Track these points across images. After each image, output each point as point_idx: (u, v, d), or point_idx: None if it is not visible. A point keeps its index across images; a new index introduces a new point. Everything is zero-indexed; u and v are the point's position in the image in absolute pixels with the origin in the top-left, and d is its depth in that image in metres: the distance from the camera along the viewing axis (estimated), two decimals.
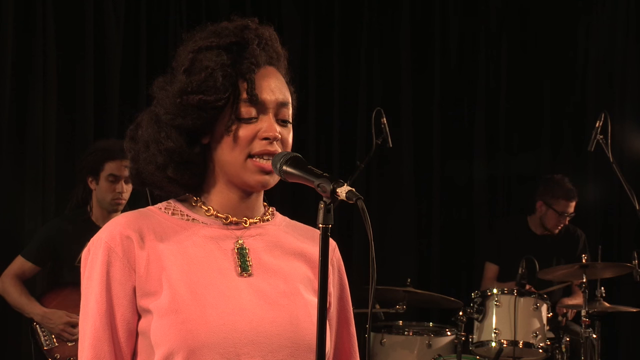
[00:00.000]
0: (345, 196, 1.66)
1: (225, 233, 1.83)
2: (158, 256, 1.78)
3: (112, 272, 1.77)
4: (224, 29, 1.83)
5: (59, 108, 5.59)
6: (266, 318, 1.77)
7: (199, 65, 1.80)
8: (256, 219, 1.87)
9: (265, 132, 1.79)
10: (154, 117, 1.82)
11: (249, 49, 1.81)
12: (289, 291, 1.82)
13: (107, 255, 1.77)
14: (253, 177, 1.80)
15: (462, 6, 6.97)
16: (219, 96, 1.78)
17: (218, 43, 1.81)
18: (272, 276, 1.82)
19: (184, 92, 1.78)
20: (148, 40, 5.95)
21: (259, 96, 1.79)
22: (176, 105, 1.78)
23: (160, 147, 1.80)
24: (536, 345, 5.12)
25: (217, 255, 1.80)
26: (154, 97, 1.84)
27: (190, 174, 1.82)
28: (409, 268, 6.48)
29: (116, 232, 1.79)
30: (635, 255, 5.13)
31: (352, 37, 6.75)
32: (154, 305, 1.75)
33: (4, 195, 5.36)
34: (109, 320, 1.76)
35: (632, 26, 6.95)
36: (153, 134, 1.81)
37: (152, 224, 1.82)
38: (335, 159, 6.63)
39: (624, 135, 6.47)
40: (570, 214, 5.88)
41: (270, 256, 1.85)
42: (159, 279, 1.76)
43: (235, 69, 1.79)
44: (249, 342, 1.74)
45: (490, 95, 6.99)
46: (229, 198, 1.84)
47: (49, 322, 4.50)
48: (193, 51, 1.81)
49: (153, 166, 1.82)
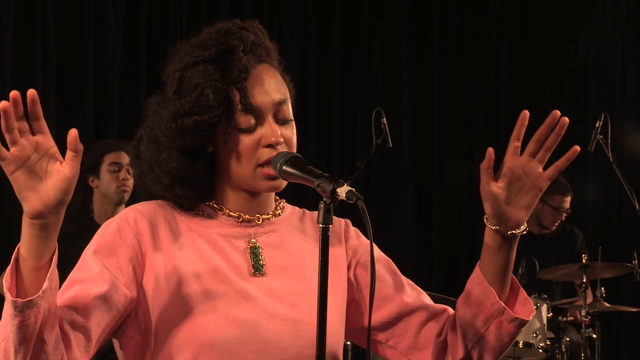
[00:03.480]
0: (345, 196, 1.65)
1: (239, 231, 1.83)
2: (170, 250, 1.77)
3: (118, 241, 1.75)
4: (208, 39, 1.80)
5: (58, 107, 5.60)
6: (278, 317, 1.77)
7: (188, 85, 1.78)
8: (269, 214, 1.87)
9: (267, 140, 1.78)
10: (152, 137, 1.81)
11: (236, 56, 1.78)
12: (301, 290, 1.82)
13: (118, 228, 1.77)
14: (263, 184, 1.80)
15: (462, 6, 6.98)
16: (213, 113, 1.76)
17: (204, 56, 1.78)
18: (284, 274, 1.82)
19: (178, 115, 1.76)
20: (148, 40, 5.96)
21: (254, 103, 1.78)
22: (172, 130, 1.77)
23: (163, 169, 1.79)
24: (536, 345, 5.12)
25: (229, 254, 1.80)
26: (148, 117, 1.83)
27: (199, 188, 1.82)
28: (409, 268, 6.47)
29: (132, 215, 1.79)
30: (635, 255, 5.13)
31: (352, 37, 6.75)
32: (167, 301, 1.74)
33: (4, 195, 5.36)
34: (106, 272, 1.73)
35: (632, 26, 6.96)
36: (154, 156, 1.80)
37: (167, 216, 1.81)
38: (335, 159, 6.63)
39: (624, 135, 6.47)
40: (566, 210, 5.87)
41: (282, 252, 1.84)
42: (172, 275, 1.75)
43: (225, 80, 1.77)
44: (261, 339, 1.74)
45: (490, 95, 6.99)
46: (240, 198, 1.84)
47: None
48: (180, 69, 1.79)
49: (160, 186, 1.82)
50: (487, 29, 7.01)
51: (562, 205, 5.86)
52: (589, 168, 6.78)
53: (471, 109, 6.97)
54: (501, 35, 7.03)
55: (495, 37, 7.03)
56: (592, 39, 7.00)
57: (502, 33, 7.03)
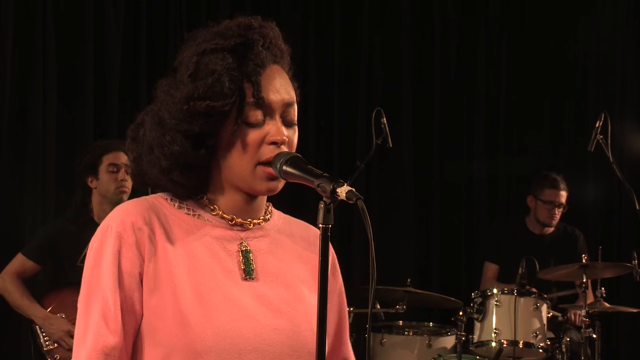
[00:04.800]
0: (345, 196, 1.65)
1: (231, 234, 1.82)
2: (165, 252, 1.76)
3: (123, 263, 1.74)
4: (228, 30, 1.80)
5: (59, 108, 5.60)
6: (269, 325, 1.77)
7: (204, 70, 1.77)
8: (259, 219, 1.86)
9: (273, 137, 1.77)
10: (157, 119, 1.80)
11: (254, 50, 1.79)
12: (290, 297, 1.82)
13: (118, 244, 1.75)
14: (262, 184, 1.79)
15: (462, 6, 6.97)
16: (226, 101, 1.75)
17: (223, 45, 1.78)
18: (274, 281, 1.82)
19: (191, 98, 1.75)
20: (148, 40, 5.96)
21: (266, 98, 1.78)
22: (182, 112, 1.76)
23: (165, 151, 1.78)
24: (536, 345, 5.12)
25: (222, 257, 1.79)
26: (157, 99, 1.81)
27: (196, 177, 1.81)
28: (409, 268, 6.48)
29: (128, 221, 1.76)
30: (635, 255, 5.13)
31: (352, 37, 6.75)
32: (158, 303, 1.74)
33: (4, 195, 5.36)
34: (119, 312, 1.73)
35: (632, 26, 6.95)
36: (157, 138, 1.79)
37: (160, 216, 1.80)
38: (335, 159, 6.63)
39: (624, 135, 6.47)
40: (560, 204, 5.86)
41: (272, 258, 1.84)
42: (165, 276, 1.75)
43: (241, 72, 1.77)
44: (253, 349, 1.74)
45: (490, 95, 6.99)
46: (235, 200, 1.83)
47: (50, 327, 4.48)
48: (197, 54, 1.78)
49: (157, 169, 1.80)
50: (487, 29, 7.01)
51: (553, 199, 5.86)
52: (589, 168, 6.78)
53: (471, 108, 6.97)
54: (501, 35, 7.03)
55: (495, 37, 7.02)
56: (592, 39, 7.00)
57: (502, 33, 7.03)
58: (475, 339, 5.19)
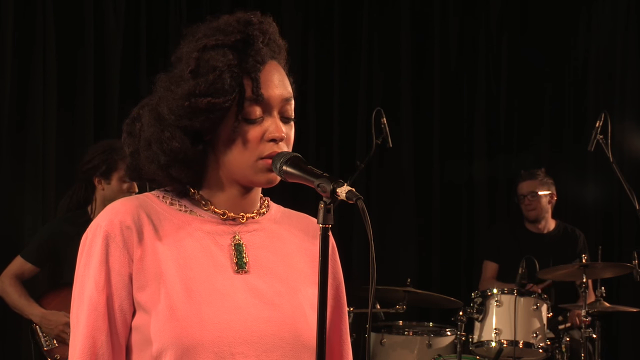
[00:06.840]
0: (345, 196, 1.65)
1: (223, 228, 1.82)
2: (154, 249, 1.77)
3: (112, 262, 1.75)
4: (228, 25, 1.80)
5: (59, 107, 5.60)
6: (261, 317, 1.76)
7: (205, 66, 1.77)
8: (253, 213, 1.86)
9: (272, 134, 1.78)
10: (155, 115, 1.80)
11: (255, 46, 1.79)
12: (284, 290, 1.81)
13: (106, 243, 1.76)
14: (263, 176, 1.79)
15: (461, 6, 6.98)
16: (227, 98, 1.75)
17: (224, 41, 1.78)
18: (267, 274, 1.82)
19: (192, 94, 1.75)
20: (148, 40, 5.96)
21: (265, 94, 1.78)
22: (183, 108, 1.76)
23: (163, 147, 1.78)
24: (536, 345, 5.12)
25: (213, 251, 1.79)
26: (156, 93, 1.82)
27: (193, 172, 1.81)
28: (409, 268, 6.49)
29: (116, 221, 1.77)
30: (635, 255, 5.13)
31: (352, 37, 6.75)
32: (148, 300, 1.74)
33: (4, 195, 5.37)
34: (106, 311, 1.75)
35: (632, 26, 6.95)
36: (156, 133, 1.79)
37: (150, 214, 1.80)
38: (335, 159, 6.63)
39: (624, 135, 6.47)
40: (532, 193, 5.87)
41: (266, 252, 1.84)
42: (154, 273, 1.75)
43: (241, 68, 1.77)
44: (244, 341, 1.74)
45: (490, 95, 6.99)
46: (229, 194, 1.83)
47: (48, 323, 4.49)
48: (198, 50, 1.78)
49: (155, 165, 1.80)
50: (487, 29, 7.01)
51: (524, 190, 5.92)
52: (589, 168, 6.78)
53: (471, 108, 6.97)
54: (501, 35, 7.03)
55: (495, 37, 7.02)
56: (592, 39, 7.00)
57: (502, 33, 7.03)
58: (475, 339, 5.19)
